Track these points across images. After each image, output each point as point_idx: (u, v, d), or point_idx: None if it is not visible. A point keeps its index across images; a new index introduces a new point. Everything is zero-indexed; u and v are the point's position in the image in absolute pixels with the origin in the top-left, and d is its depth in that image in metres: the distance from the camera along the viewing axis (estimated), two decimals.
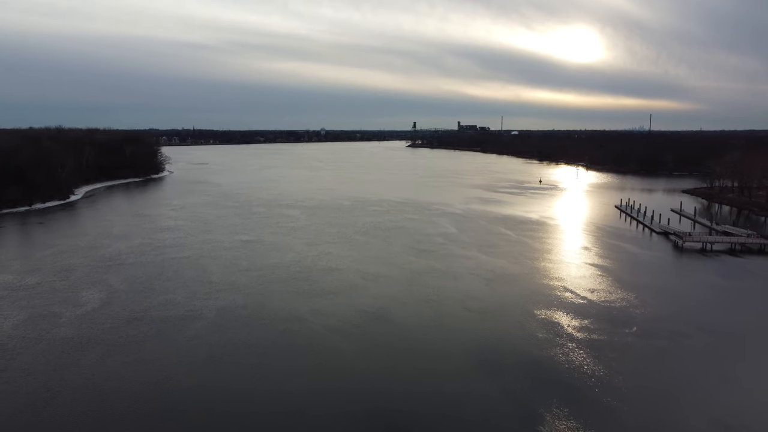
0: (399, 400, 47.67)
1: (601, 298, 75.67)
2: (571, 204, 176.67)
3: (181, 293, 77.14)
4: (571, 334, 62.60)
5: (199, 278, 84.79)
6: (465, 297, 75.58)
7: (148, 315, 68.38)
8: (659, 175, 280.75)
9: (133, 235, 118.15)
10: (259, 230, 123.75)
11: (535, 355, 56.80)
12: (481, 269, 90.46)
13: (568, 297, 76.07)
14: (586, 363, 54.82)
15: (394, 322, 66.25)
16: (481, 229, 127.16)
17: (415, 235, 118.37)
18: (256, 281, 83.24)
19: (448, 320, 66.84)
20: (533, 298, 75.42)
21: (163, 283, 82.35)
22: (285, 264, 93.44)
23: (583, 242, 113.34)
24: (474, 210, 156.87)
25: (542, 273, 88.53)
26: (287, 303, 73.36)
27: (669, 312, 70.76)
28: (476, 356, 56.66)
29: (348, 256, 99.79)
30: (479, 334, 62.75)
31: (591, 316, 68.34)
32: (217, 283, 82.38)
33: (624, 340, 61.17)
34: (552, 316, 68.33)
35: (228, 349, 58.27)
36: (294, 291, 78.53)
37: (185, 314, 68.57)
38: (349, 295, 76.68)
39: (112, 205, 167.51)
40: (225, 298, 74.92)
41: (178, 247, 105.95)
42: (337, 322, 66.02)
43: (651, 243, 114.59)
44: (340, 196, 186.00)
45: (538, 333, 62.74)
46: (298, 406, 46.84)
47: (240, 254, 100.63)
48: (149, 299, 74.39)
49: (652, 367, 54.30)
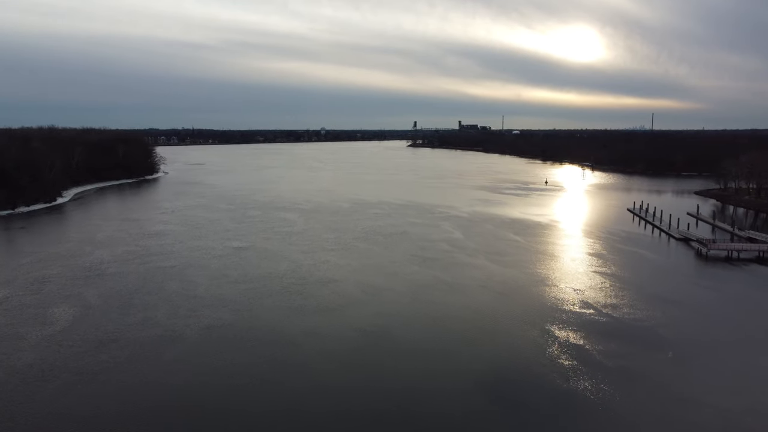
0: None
1: (626, 316, 68.35)
2: (580, 206, 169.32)
3: (163, 310, 69.85)
4: (599, 361, 55.27)
5: (184, 291, 77.52)
6: (475, 314, 68.28)
7: (122, 336, 61.10)
8: (667, 175, 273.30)
9: (118, 241, 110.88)
10: (253, 236, 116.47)
11: (561, 388, 49.42)
12: (492, 281, 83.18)
13: (589, 314, 68.74)
14: (622, 400, 47.51)
15: (397, 348, 58.93)
16: (488, 234, 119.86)
17: (419, 241, 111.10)
18: (245, 295, 75.95)
19: (459, 344, 59.50)
20: (551, 315, 68.10)
21: (143, 297, 75.06)
22: (278, 274, 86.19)
23: (598, 249, 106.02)
24: (479, 213, 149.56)
25: (558, 285, 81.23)
26: (279, 322, 66.08)
27: (706, 333, 63.51)
28: (492, 391, 49.34)
29: (346, 265, 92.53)
30: (494, 362, 55.42)
31: (618, 338, 61.05)
32: (202, 297, 75.11)
33: (661, 369, 53.81)
34: (575, 337, 61.03)
35: (208, 381, 51.00)
36: (287, 307, 71.24)
37: (164, 335, 61.28)
38: (347, 312, 69.39)
39: (100, 209, 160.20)
40: (210, 316, 67.63)
41: (165, 256, 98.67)
42: (332, 346, 58.73)
43: (671, 250, 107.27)
44: (339, 198, 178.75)
45: (561, 359, 55.42)
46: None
47: (230, 263, 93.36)
48: (126, 317, 67.10)
49: (699, 405, 47.05)
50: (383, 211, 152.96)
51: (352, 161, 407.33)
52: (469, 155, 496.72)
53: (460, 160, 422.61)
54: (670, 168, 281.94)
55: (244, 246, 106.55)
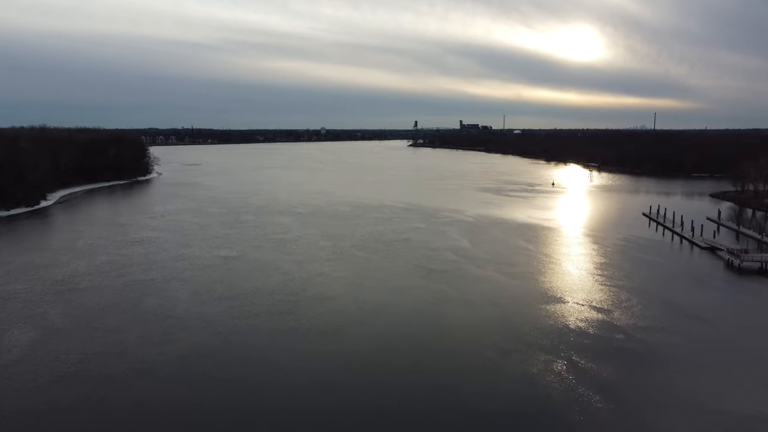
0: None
1: (660, 340, 60.10)
2: (591, 210, 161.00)
3: (135, 333, 61.71)
4: (635, 403, 47.02)
5: (162, 310, 69.37)
6: (491, 342, 60.03)
7: (83, 369, 52.93)
8: (676, 176, 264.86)
9: (99, 249, 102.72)
10: (244, 243, 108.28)
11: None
12: (505, 297, 74.98)
13: (619, 339, 60.52)
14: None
15: (401, 383, 50.72)
16: (497, 241, 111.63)
17: (422, 250, 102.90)
18: (230, 314, 67.79)
19: (472, 380, 51.24)
20: (579, 342, 59.87)
21: (115, 317, 66.91)
22: (268, 289, 78.03)
23: (616, 259, 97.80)
24: (486, 217, 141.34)
25: (578, 303, 72.99)
26: (266, 348, 57.90)
27: (759, 361, 55.28)
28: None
29: (344, 278, 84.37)
30: (512, 400, 47.21)
31: (656, 366, 52.81)
32: (182, 317, 66.96)
33: (709, 404, 45.63)
34: (609, 372, 52.79)
35: (178, 427, 42.90)
36: (276, 329, 63.07)
37: (132, 367, 53.11)
38: (344, 336, 61.20)
39: (86, 212, 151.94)
40: (188, 341, 59.49)
41: (146, 266, 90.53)
42: (326, 381, 50.50)
43: (697, 260, 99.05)
44: (338, 201, 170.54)
45: (595, 399, 47.16)
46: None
47: (216, 276, 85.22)
48: (92, 343, 58.94)
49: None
50: (384, 215, 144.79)
51: (352, 161, 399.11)
52: (470, 155, 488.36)
53: (462, 161, 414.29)
54: (679, 169, 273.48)
55: (233, 255, 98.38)
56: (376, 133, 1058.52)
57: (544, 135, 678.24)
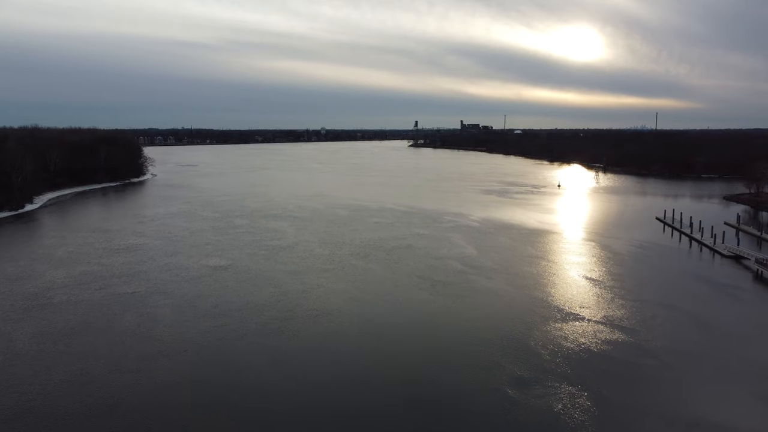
0: None
1: (701, 368, 53.32)
2: (601, 214, 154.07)
3: (106, 358, 54.93)
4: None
5: (139, 330, 62.60)
6: (506, 371, 53.20)
7: (42, 404, 46.14)
8: (685, 178, 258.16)
9: (79, 258, 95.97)
10: (236, 251, 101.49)
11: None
12: (518, 314, 68.14)
13: (653, 368, 53.67)
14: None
15: (405, 419, 43.90)
16: (506, 249, 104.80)
17: (426, 259, 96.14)
18: (214, 335, 61.04)
19: (488, 422, 44.44)
20: (605, 370, 53.00)
21: (87, 339, 60.14)
22: (259, 305, 71.26)
23: (634, 270, 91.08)
24: (492, 222, 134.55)
25: (602, 322, 66.14)
26: (252, 381, 51.04)
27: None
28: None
29: (342, 291, 77.57)
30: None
31: (698, 402, 46.05)
32: (160, 338, 60.16)
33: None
34: (647, 405, 46.00)
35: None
36: (265, 356, 56.29)
37: (94, 405, 46.25)
38: (342, 363, 54.39)
39: (72, 217, 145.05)
40: (163, 369, 52.70)
41: (128, 278, 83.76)
42: (322, 416, 43.70)
43: (721, 271, 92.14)
44: (337, 204, 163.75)
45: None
46: None
47: (203, 289, 78.45)
48: (56, 370, 52.16)
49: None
50: (385, 219, 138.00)
51: (352, 161, 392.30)
52: (472, 156, 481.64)
53: (463, 161, 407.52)
54: (687, 170, 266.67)
55: (223, 265, 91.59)
56: (376, 133, 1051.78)
57: (546, 135, 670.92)
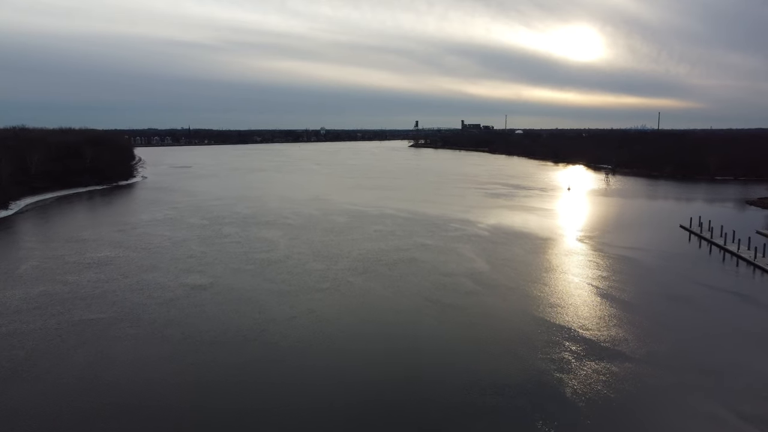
0: None
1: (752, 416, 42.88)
2: (619, 222, 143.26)
3: (44, 413, 44.43)
4: None
5: (93, 371, 52.12)
6: (532, 418, 42.69)
7: None
8: (698, 180, 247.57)
9: (43, 275, 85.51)
10: (221, 266, 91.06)
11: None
12: (545, 351, 57.58)
13: (706, 412, 43.21)
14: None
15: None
16: (521, 263, 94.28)
17: (432, 275, 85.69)
18: (183, 378, 50.60)
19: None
20: (657, 427, 42.55)
21: (26, 384, 49.61)
22: (240, 335, 60.86)
23: (665, 286, 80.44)
24: (502, 230, 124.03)
25: (644, 360, 55.64)
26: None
27: None
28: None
29: (337, 318, 67.06)
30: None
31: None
32: (116, 383, 49.69)
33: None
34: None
35: None
36: (242, 407, 45.80)
37: None
38: (338, 413, 43.89)
39: (47, 224, 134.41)
40: (115, 429, 42.23)
41: (94, 300, 73.27)
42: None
43: (762, 288, 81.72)
44: (334, 209, 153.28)
45: None
46: None
47: (177, 314, 67.95)
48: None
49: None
50: (386, 227, 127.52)
51: (352, 163, 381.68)
52: (474, 156, 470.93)
53: (466, 162, 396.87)
54: (700, 171, 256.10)
55: (203, 283, 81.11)
56: (376, 133, 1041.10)
57: (548, 135, 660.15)
